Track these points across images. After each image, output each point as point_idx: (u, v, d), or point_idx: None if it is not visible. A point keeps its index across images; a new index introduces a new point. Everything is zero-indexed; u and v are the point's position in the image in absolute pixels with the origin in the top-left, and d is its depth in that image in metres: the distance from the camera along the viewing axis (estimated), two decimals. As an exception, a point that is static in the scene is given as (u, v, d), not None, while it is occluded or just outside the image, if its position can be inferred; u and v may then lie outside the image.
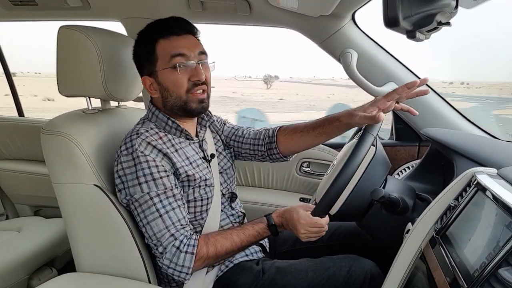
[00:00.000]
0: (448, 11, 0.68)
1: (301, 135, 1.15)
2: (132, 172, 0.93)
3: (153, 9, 1.48)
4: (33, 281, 1.47)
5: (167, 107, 1.02)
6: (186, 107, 1.00)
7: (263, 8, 1.36)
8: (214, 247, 0.95)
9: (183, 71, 0.97)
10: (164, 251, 0.92)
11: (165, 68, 0.97)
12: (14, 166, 1.92)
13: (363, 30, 1.38)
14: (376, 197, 0.90)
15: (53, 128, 0.98)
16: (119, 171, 0.95)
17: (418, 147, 1.56)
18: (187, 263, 0.92)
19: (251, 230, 1.00)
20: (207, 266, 0.98)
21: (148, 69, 1.01)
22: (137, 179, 0.93)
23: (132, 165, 0.93)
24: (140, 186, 0.93)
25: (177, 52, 0.97)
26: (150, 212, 0.93)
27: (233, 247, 0.97)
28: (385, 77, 1.38)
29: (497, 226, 0.59)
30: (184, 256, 0.92)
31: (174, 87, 0.99)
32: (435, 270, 0.69)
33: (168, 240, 0.92)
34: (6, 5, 1.54)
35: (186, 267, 0.92)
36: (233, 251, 0.98)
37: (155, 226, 0.93)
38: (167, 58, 0.97)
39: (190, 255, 0.92)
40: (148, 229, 0.93)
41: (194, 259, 0.92)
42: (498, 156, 0.90)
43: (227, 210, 1.12)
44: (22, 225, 1.67)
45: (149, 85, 1.02)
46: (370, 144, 0.92)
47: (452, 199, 0.76)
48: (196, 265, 0.93)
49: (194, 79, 0.98)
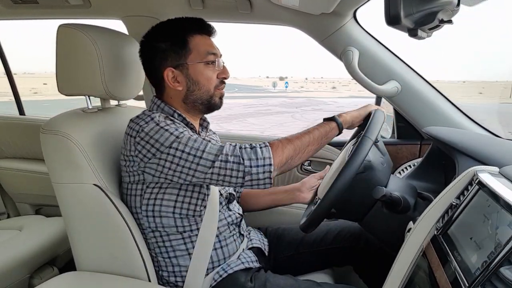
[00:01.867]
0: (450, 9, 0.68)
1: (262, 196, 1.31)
2: (161, 133, 0.93)
3: (154, 7, 1.47)
4: (34, 280, 1.47)
5: (189, 100, 1.06)
6: (210, 100, 1.07)
7: (264, 6, 1.36)
8: (285, 139, 0.96)
9: (214, 68, 1.05)
10: (227, 159, 0.90)
11: (200, 62, 1.03)
12: (15, 164, 1.92)
13: (364, 28, 1.38)
14: (378, 195, 0.90)
15: (52, 127, 0.98)
16: (144, 138, 0.93)
17: (420, 146, 1.55)
18: (266, 154, 0.91)
19: (321, 129, 1.01)
20: (284, 163, 0.94)
21: (175, 61, 1.03)
22: (167, 131, 0.92)
23: (158, 128, 0.93)
24: (173, 134, 0.92)
25: (213, 51, 1.05)
26: (199, 142, 0.92)
27: (303, 144, 0.96)
28: (386, 75, 1.38)
29: (499, 224, 0.58)
30: (256, 150, 0.92)
31: (205, 81, 1.05)
32: (437, 268, 0.68)
33: (232, 147, 0.92)
34: (7, 4, 1.54)
35: (268, 157, 0.90)
36: (302, 148, 0.96)
37: (211, 149, 0.91)
38: (203, 53, 1.03)
39: (264, 146, 0.92)
40: (206, 156, 0.90)
41: (271, 149, 0.92)
42: (500, 154, 0.89)
43: (224, 211, 1.11)
44: (23, 224, 1.68)
45: (171, 77, 1.04)
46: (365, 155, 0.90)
47: (454, 198, 0.76)
48: (275, 155, 0.91)
49: (221, 76, 1.07)
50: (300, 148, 0.96)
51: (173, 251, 1.04)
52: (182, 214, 1.01)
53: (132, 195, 1.02)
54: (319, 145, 1.00)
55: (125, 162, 1.00)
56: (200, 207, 1.03)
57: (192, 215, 1.03)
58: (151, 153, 0.93)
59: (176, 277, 1.05)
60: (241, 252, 1.12)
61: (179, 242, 1.03)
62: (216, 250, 1.07)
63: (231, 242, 1.10)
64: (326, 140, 1.01)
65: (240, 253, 1.12)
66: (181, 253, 1.04)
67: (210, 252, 1.05)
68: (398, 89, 1.37)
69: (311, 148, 0.98)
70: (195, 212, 1.03)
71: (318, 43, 1.43)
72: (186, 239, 1.03)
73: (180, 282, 1.05)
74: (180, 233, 1.03)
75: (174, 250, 1.04)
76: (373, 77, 1.37)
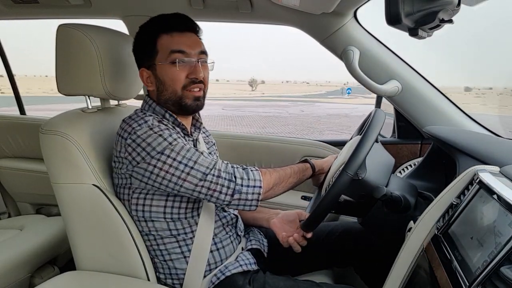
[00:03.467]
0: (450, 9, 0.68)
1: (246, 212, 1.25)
2: (154, 138, 0.92)
3: (155, 7, 1.47)
4: (35, 279, 1.48)
5: (161, 100, 1.04)
6: (180, 102, 1.02)
7: (264, 5, 1.36)
8: (268, 171, 1.01)
9: (182, 68, 0.99)
10: (219, 174, 0.92)
11: (164, 63, 0.99)
12: (15, 164, 1.92)
13: (365, 28, 1.38)
14: (378, 195, 0.90)
15: (51, 127, 0.98)
16: (135, 141, 0.92)
17: (420, 145, 1.55)
18: (257, 176, 0.95)
19: (295, 167, 1.09)
20: (270, 188, 1.00)
21: (147, 62, 1.03)
22: (164, 140, 0.92)
23: (152, 133, 0.93)
24: (166, 140, 0.92)
25: (178, 49, 0.99)
26: (192, 153, 0.93)
27: (286, 175, 1.04)
28: (387, 75, 1.38)
29: (500, 224, 0.58)
30: (247, 171, 0.95)
31: (170, 82, 1.01)
32: (437, 268, 0.68)
33: (224, 164, 0.94)
34: (7, 3, 1.54)
35: (258, 180, 0.94)
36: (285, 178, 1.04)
37: (204, 161, 0.93)
38: (166, 53, 0.99)
39: (254, 170, 0.96)
40: (198, 168, 0.91)
41: (260, 173, 0.96)
42: (500, 154, 0.89)
43: (219, 212, 1.10)
44: (24, 224, 1.68)
45: (146, 77, 1.04)
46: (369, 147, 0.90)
47: (454, 197, 0.76)
48: (264, 178, 0.97)
49: (191, 76, 1.01)
50: (283, 178, 1.04)
51: (169, 255, 1.03)
52: (173, 217, 1.00)
53: (121, 199, 1.02)
54: (298, 179, 1.09)
55: (115, 163, 1.00)
56: (193, 209, 1.02)
57: (184, 217, 1.01)
58: (140, 156, 0.91)
59: (173, 279, 1.04)
60: (239, 254, 1.11)
61: (174, 246, 1.02)
62: (213, 252, 1.05)
63: (228, 244, 1.09)
64: (303, 177, 1.11)
65: (238, 255, 1.10)
66: (177, 256, 1.03)
67: (207, 255, 1.03)
68: (398, 88, 1.37)
69: (292, 180, 1.07)
70: (186, 214, 1.01)
71: (318, 42, 1.43)
72: (180, 242, 1.02)
73: (177, 284, 1.04)
74: (174, 236, 1.01)
75: (170, 254, 1.03)
76: (373, 77, 1.37)
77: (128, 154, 0.93)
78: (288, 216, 1.16)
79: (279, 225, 1.14)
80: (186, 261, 1.03)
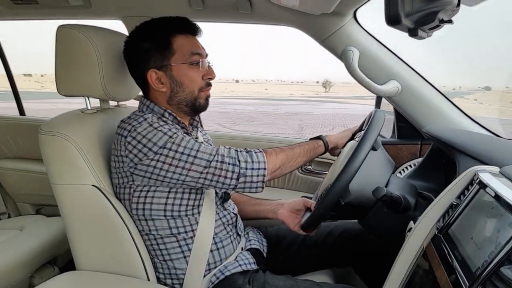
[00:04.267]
0: (450, 9, 0.68)
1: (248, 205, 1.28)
2: (154, 133, 0.92)
3: (154, 7, 1.47)
4: (35, 279, 1.48)
5: (173, 101, 1.04)
6: (195, 102, 1.05)
7: (264, 6, 1.36)
8: (274, 150, 1.00)
9: (201, 69, 1.03)
10: (222, 159, 0.92)
11: (183, 63, 1.00)
12: (15, 165, 1.92)
13: (365, 28, 1.38)
14: (378, 195, 0.90)
15: (50, 128, 0.98)
16: (136, 138, 0.92)
17: (420, 146, 1.55)
18: (260, 158, 0.94)
19: (305, 145, 1.07)
20: (277, 169, 0.99)
21: (158, 62, 1.01)
22: (164, 134, 0.92)
23: (152, 129, 0.93)
24: (166, 134, 0.92)
25: (197, 51, 1.03)
26: (192, 143, 0.93)
27: (294, 154, 1.02)
28: (387, 75, 1.38)
29: (500, 224, 0.58)
30: (251, 154, 0.95)
31: (189, 82, 1.02)
32: (437, 268, 0.68)
33: (227, 149, 0.95)
34: (7, 4, 1.54)
35: (262, 161, 0.94)
36: (293, 158, 1.02)
37: (206, 149, 0.93)
38: (187, 54, 1.01)
39: (258, 152, 0.95)
40: (201, 156, 0.92)
41: (265, 155, 0.95)
42: (500, 154, 0.89)
43: (219, 211, 1.10)
44: (24, 224, 1.68)
45: (155, 78, 1.02)
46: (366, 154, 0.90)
47: (454, 198, 0.76)
48: (269, 160, 0.96)
49: (207, 77, 1.05)
50: (291, 157, 1.02)
51: (168, 255, 1.03)
52: (174, 215, 1.00)
53: (121, 199, 1.02)
54: (308, 157, 1.07)
55: (114, 163, 0.99)
56: (194, 207, 1.02)
57: (185, 214, 1.01)
58: (142, 153, 0.91)
59: (173, 279, 1.04)
60: (239, 254, 1.11)
61: (174, 245, 1.02)
62: (213, 252, 1.05)
63: (228, 244, 1.09)
64: (314, 155, 1.10)
65: (238, 255, 1.10)
66: (177, 256, 1.03)
67: (207, 255, 1.03)
68: (398, 89, 1.37)
69: (301, 159, 1.05)
70: (187, 211, 1.01)
71: (318, 43, 1.43)
72: (181, 241, 1.02)
73: (177, 284, 1.04)
74: (175, 235, 1.01)
75: (170, 254, 1.03)
76: (373, 77, 1.37)
77: (129, 152, 0.93)
78: (295, 205, 1.18)
79: (287, 214, 1.17)
80: (186, 261, 1.03)
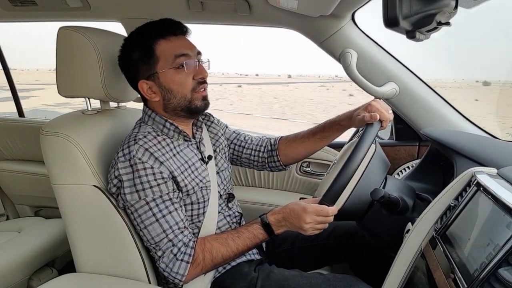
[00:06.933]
0: (448, 11, 0.68)
1: (302, 141, 1.20)
2: (129, 178, 0.93)
3: (153, 9, 1.48)
4: (33, 282, 1.47)
5: (169, 109, 1.02)
6: (191, 106, 1.01)
7: (262, 8, 1.36)
8: (210, 254, 0.95)
9: (188, 71, 0.98)
10: (162, 255, 0.93)
11: (169, 69, 0.97)
12: (14, 166, 1.92)
13: (363, 30, 1.38)
14: (376, 197, 0.90)
15: (52, 129, 0.98)
16: (117, 177, 0.94)
17: (418, 147, 1.56)
18: (181, 271, 0.93)
19: (246, 233, 0.98)
20: (204, 272, 0.98)
21: (145, 72, 0.99)
22: (134, 186, 0.92)
23: (130, 171, 0.93)
24: (137, 193, 0.92)
25: (181, 53, 0.97)
26: (146, 217, 0.93)
27: (229, 253, 0.96)
28: (385, 77, 1.38)
29: (497, 226, 0.59)
30: (179, 264, 0.93)
31: (179, 87, 0.99)
32: (435, 270, 0.69)
33: (166, 245, 0.93)
34: (6, 6, 1.54)
35: (180, 274, 0.93)
36: (230, 257, 0.97)
37: (152, 230, 0.93)
38: (170, 58, 0.97)
39: (185, 263, 0.93)
40: (146, 233, 0.94)
41: (189, 267, 0.93)
42: (498, 155, 0.90)
43: (224, 211, 1.11)
44: (22, 226, 1.68)
45: (146, 89, 1.00)
46: (373, 138, 0.92)
47: (452, 199, 0.76)
48: (191, 273, 0.94)
49: (198, 77, 1.00)
50: (227, 259, 0.97)
51: None
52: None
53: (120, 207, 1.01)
54: (252, 247, 0.99)
55: (110, 169, 0.99)
56: (193, 217, 1.03)
57: (191, 221, 1.03)
58: (116, 187, 0.96)
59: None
60: None
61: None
62: None
63: None
64: (258, 242, 1.00)
65: None
66: None
67: None
68: (396, 90, 1.37)
69: (243, 252, 0.99)
70: (192, 218, 1.02)
71: (316, 45, 1.44)
72: None
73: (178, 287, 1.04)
74: None
75: None
76: (371, 79, 1.37)
77: (114, 177, 0.96)
78: (376, 106, 1.03)
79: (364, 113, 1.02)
80: None
